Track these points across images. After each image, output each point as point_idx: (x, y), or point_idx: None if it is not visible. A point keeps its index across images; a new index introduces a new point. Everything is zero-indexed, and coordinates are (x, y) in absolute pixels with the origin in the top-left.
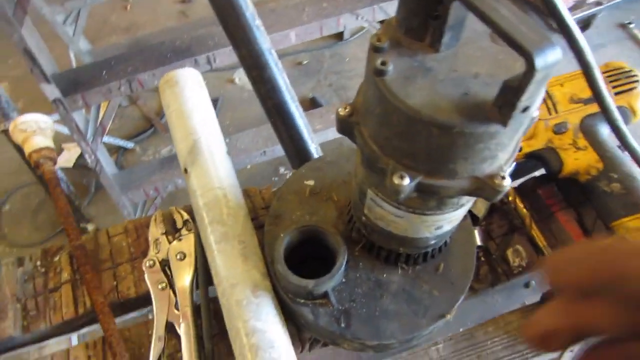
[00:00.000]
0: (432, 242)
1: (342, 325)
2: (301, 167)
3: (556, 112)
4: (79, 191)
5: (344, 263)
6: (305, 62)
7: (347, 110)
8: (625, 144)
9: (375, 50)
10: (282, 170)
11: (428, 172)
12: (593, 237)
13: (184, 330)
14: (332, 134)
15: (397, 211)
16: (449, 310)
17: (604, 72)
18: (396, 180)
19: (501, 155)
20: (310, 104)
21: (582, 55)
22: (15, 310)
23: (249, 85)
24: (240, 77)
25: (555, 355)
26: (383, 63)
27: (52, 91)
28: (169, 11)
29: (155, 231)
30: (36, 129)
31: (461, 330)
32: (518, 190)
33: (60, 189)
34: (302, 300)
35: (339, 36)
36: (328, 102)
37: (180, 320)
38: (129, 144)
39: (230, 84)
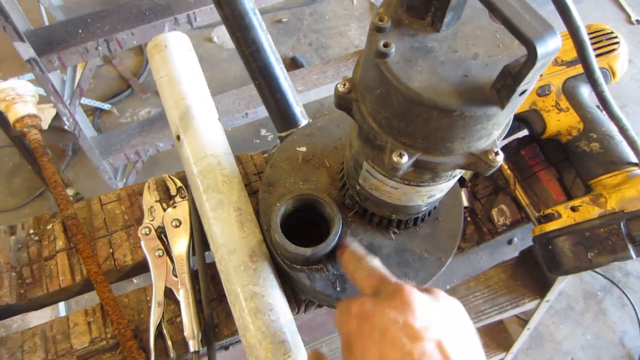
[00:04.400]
0: (424, 208)
1: (338, 288)
2: (292, 134)
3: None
4: (55, 154)
5: (339, 231)
6: (284, 19)
7: (346, 86)
8: (607, 108)
9: (377, 29)
10: (263, 132)
11: (425, 149)
12: (573, 195)
13: (183, 295)
14: (314, 95)
15: (392, 183)
16: (437, 272)
17: None
18: (395, 158)
19: (495, 132)
20: (291, 64)
21: (570, 19)
22: (11, 278)
23: (227, 44)
24: (219, 35)
25: (533, 305)
26: (386, 45)
27: (26, 50)
28: None
29: (150, 199)
30: (15, 96)
31: (447, 287)
32: (502, 151)
33: (47, 157)
34: (299, 266)
35: None
36: (309, 61)
37: (179, 286)
38: (106, 106)
39: (209, 43)
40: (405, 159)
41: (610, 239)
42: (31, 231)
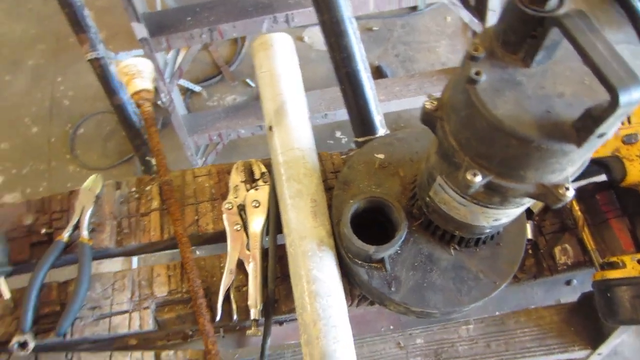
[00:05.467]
0: (487, 230)
1: (392, 289)
2: (373, 140)
3: (629, 123)
4: None
5: (403, 236)
6: (375, 28)
7: (433, 104)
8: None
9: (471, 58)
10: (338, 134)
11: (499, 173)
12: None
13: (252, 268)
14: (394, 106)
15: (462, 200)
16: (490, 294)
17: None
18: (469, 176)
19: (569, 169)
20: (375, 72)
21: None
22: (112, 226)
23: (317, 45)
24: (310, 35)
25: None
26: (477, 73)
27: (140, 30)
28: None
29: (236, 178)
30: (136, 72)
31: (497, 313)
32: (576, 192)
33: (155, 128)
34: (360, 262)
35: (413, 6)
36: (394, 72)
37: (250, 260)
38: (197, 88)
39: (299, 42)
40: (478, 178)
41: None
42: (133, 189)
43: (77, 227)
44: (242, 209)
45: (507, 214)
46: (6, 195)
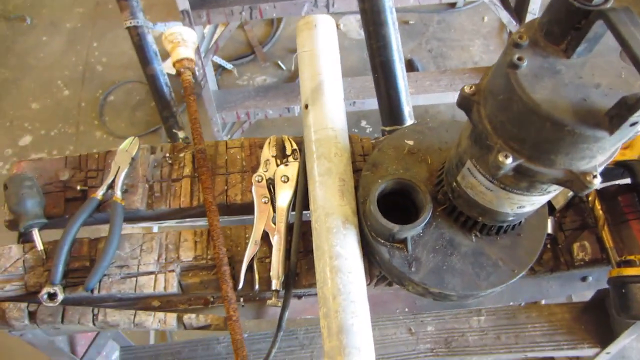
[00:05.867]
0: (510, 218)
1: (413, 269)
2: (404, 127)
3: None
4: (176, 99)
5: (428, 217)
6: (411, 22)
7: (472, 89)
8: None
9: (514, 45)
10: (363, 123)
11: (530, 157)
12: None
13: (277, 241)
14: (422, 100)
15: (489, 184)
16: (507, 281)
17: None
18: (500, 158)
19: (599, 157)
20: (407, 65)
21: None
22: (144, 189)
23: (351, 34)
24: (345, 23)
25: (591, 352)
26: (519, 59)
27: (182, 2)
28: None
29: (267, 153)
30: (180, 40)
31: (511, 303)
32: (599, 192)
33: (193, 97)
34: (383, 241)
35: (452, 3)
36: (424, 67)
37: (275, 233)
38: (229, 65)
39: None
40: (509, 160)
41: None
42: (167, 154)
43: (111, 186)
44: (271, 183)
45: (532, 202)
46: (33, 155)
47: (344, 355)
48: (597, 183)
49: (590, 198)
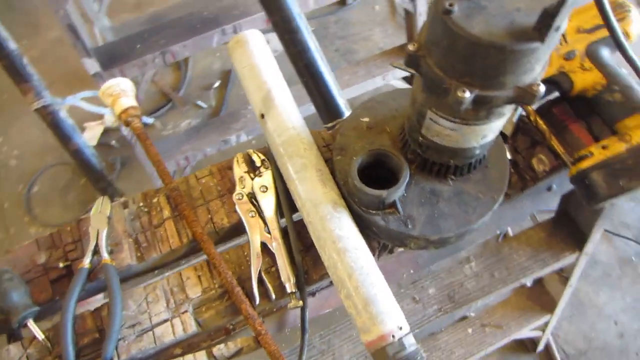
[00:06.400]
0: (477, 152)
1: (409, 226)
2: (356, 108)
3: (566, 42)
4: (107, 166)
5: (407, 176)
6: (312, 28)
7: (415, 46)
8: (627, 57)
9: None
10: None
11: (482, 86)
12: (601, 140)
13: (277, 248)
14: (348, 94)
15: (453, 125)
16: (492, 207)
17: None
18: (459, 94)
19: (537, 67)
20: None
21: None
22: (129, 244)
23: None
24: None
25: (573, 257)
26: (450, 4)
27: (92, 65)
28: None
29: (239, 170)
30: (120, 91)
31: (497, 232)
32: (537, 110)
33: (150, 141)
34: (374, 212)
35: (342, 1)
36: (337, 66)
37: (272, 241)
38: (150, 120)
39: None
40: (467, 94)
41: (637, 168)
42: (140, 204)
43: (95, 251)
44: (252, 196)
45: (492, 128)
46: None
47: (378, 324)
48: (542, 90)
49: (532, 118)
